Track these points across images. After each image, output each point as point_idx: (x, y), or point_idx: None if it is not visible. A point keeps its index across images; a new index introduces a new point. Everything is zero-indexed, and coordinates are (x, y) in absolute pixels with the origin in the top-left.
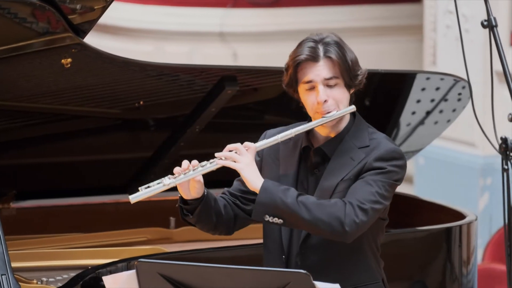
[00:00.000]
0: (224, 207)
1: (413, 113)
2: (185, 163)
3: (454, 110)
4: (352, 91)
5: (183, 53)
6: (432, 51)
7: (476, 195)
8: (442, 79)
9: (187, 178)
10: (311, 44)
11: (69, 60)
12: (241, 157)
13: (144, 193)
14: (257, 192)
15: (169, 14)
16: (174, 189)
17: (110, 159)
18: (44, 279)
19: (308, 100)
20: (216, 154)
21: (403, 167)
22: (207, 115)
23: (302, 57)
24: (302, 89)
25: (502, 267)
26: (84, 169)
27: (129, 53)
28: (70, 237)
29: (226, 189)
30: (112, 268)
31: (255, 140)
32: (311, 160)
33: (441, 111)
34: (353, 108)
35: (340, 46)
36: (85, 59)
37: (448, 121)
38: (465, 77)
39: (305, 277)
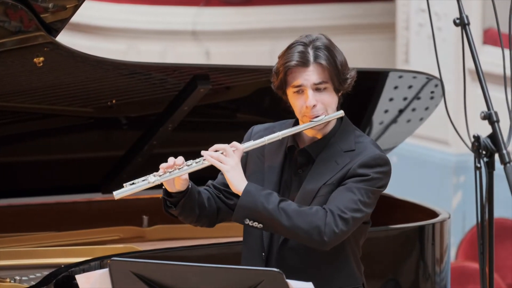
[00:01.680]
0: (208, 200)
1: (386, 111)
2: (171, 160)
3: (427, 108)
4: (340, 94)
5: (156, 52)
6: (405, 49)
7: (449, 193)
8: (414, 77)
9: (172, 176)
10: (301, 48)
11: (42, 59)
12: (227, 159)
13: (128, 189)
14: (240, 195)
15: (142, 12)
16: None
17: (82, 157)
18: (17, 277)
19: (297, 103)
20: (203, 153)
21: (388, 174)
22: (179, 114)
23: (293, 63)
24: (290, 92)
25: (475, 265)
26: (57, 168)
27: (101, 51)
28: (43, 236)
29: (210, 181)
30: (85, 266)
31: (229, 138)
32: (295, 160)
33: (414, 109)
34: (341, 113)
35: (330, 50)
36: (58, 58)
37: (421, 119)
38: (438, 75)
39: (278, 275)
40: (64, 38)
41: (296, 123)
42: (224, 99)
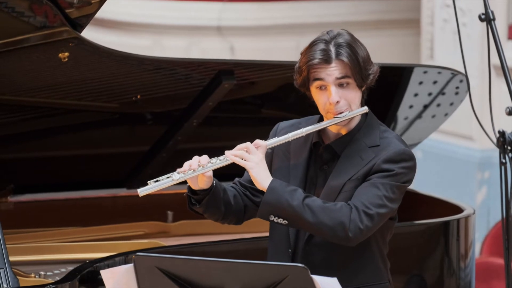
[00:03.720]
0: (234, 197)
1: (411, 106)
2: (195, 159)
3: (451, 104)
4: (363, 89)
5: (180, 47)
6: (430, 44)
7: (474, 189)
8: (439, 72)
9: (196, 174)
10: (323, 46)
11: (67, 54)
12: (251, 156)
13: (152, 187)
14: (265, 191)
15: (166, 8)
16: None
17: (107, 153)
18: (42, 273)
19: (320, 100)
20: (226, 152)
21: (413, 169)
22: (204, 109)
23: (315, 61)
24: (314, 88)
25: (500, 261)
26: (82, 163)
27: (126, 47)
28: (68, 231)
29: (237, 179)
30: (110, 262)
31: (253, 133)
32: (321, 156)
33: (438, 105)
34: (365, 109)
35: (351, 46)
36: (83, 53)
37: (446, 114)
38: (463, 71)
39: (303, 271)
40: (89, 33)
41: (321, 119)
42: (249, 94)
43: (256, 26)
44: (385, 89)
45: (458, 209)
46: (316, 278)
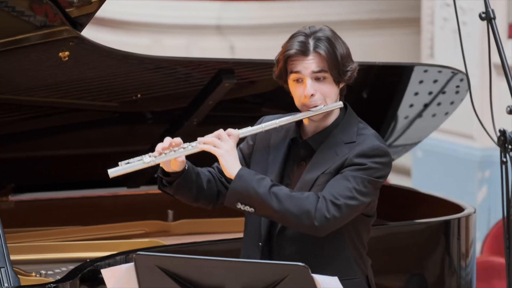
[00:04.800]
0: (208, 182)
1: (411, 105)
2: (167, 140)
3: (452, 103)
4: (341, 86)
5: (180, 46)
6: (430, 43)
7: (474, 188)
8: (440, 71)
9: (168, 158)
10: (302, 38)
11: (67, 53)
12: (222, 143)
13: (123, 168)
14: (232, 179)
15: (166, 7)
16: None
17: (108, 152)
18: (43, 272)
19: (296, 92)
20: (199, 139)
21: (387, 165)
22: (204, 108)
23: (292, 51)
24: (291, 81)
25: (501, 260)
26: (82, 162)
27: (126, 46)
28: (69, 230)
29: (215, 164)
30: (111, 261)
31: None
32: (298, 152)
33: (439, 104)
34: (340, 104)
35: (330, 41)
36: (83, 52)
37: (446, 113)
38: (463, 70)
39: (303, 270)
40: (89, 32)
41: None
42: (249, 93)
43: (256, 25)
44: (385, 88)
45: (458, 208)
46: (317, 277)
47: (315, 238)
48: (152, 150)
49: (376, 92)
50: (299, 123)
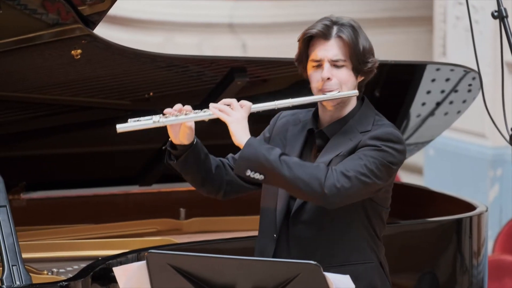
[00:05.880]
0: (217, 167)
1: (423, 104)
2: (177, 105)
3: (464, 101)
4: (360, 79)
5: (192, 44)
6: (442, 42)
7: (486, 186)
8: (452, 70)
9: (178, 121)
10: (327, 22)
11: (79, 51)
12: (233, 112)
13: (131, 125)
14: (242, 148)
15: (178, 5)
16: (184, 179)
17: (119, 150)
18: (55, 270)
19: (313, 77)
20: (210, 105)
21: (401, 152)
22: None
23: (313, 31)
24: (309, 65)
25: None
26: (94, 160)
27: (138, 44)
28: (80, 228)
29: (230, 154)
30: (123, 259)
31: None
32: (314, 142)
33: (451, 102)
34: (355, 92)
35: (354, 30)
36: (95, 50)
37: (458, 112)
38: (475, 68)
39: (315, 268)
40: (102, 30)
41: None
42: (261, 91)
43: (268, 23)
44: (397, 86)
45: (470, 207)
46: (329, 276)
47: (328, 222)
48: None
49: (389, 91)
50: (316, 115)
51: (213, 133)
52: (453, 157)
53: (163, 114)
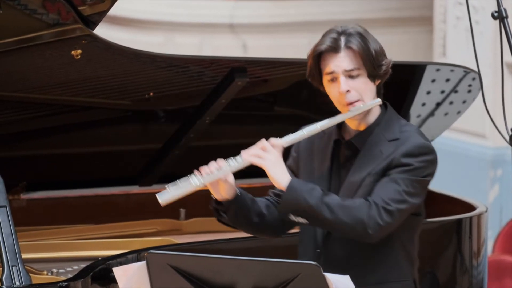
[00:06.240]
0: (267, 208)
1: (423, 104)
2: (211, 164)
3: (464, 102)
4: (377, 82)
5: (193, 45)
6: (442, 42)
7: (486, 187)
8: (452, 70)
9: (215, 178)
10: (333, 35)
11: (79, 51)
12: (267, 155)
13: (173, 194)
14: (284, 191)
15: (179, 5)
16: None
17: (120, 150)
18: (55, 270)
19: (332, 92)
20: (242, 152)
21: (433, 162)
22: (217, 107)
23: (323, 47)
24: (325, 81)
25: None
26: (94, 160)
27: (139, 44)
28: (80, 228)
29: (270, 190)
30: (122, 259)
31: (266, 131)
32: (342, 153)
33: (451, 103)
34: (378, 101)
35: (362, 36)
36: (95, 50)
37: (458, 112)
38: (475, 69)
39: (315, 268)
40: (102, 30)
41: None
42: (261, 92)
43: (268, 24)
44: (397, 86)
45: (470, 207)
46: (329, 276)
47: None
48: (167, 149)
49: (389, 91)
50: (340, 124)
51: (212, 133)
52: (453, 157)
53: (199, 172)
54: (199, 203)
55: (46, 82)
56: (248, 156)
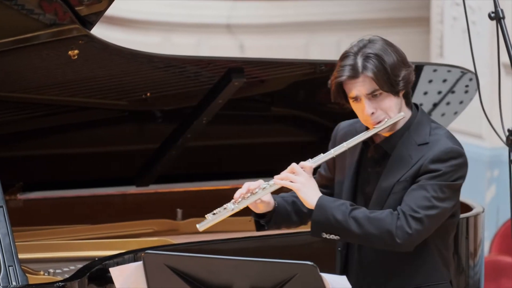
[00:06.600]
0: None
1: (420, 105)
2: (245, 186)
3: (461, 102)
4: (401, 93)
5: (190, 45)
6: (439, 43)
7: (483, 187)
8: (449, 71)
9: (249, 202)
10: (350, 61)
11: (76, 51)
12: (297, 177)
13: (211, 220)
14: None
15: (176, 5)
16: (181, 179)
17: (117, 150)
18: (51, 270)
19: (357, 110)
20: (275, 177)
21: (462, 165)
22: (214, 107)
23: (342, 78)
24: (350, 101)
25: (509, 259)
26: (91, 161)
27: (136, 44)
28: (77, 229)
29: None
30: (119, 259)
31: (263, 131)
32: (372, 156)
33: (448, 103)
34: (402, 115)
35: (378, 57)
36: (92, 50)
37: (455, 113)
38: (472, 69)
39: (312, 268)
40: (99, 31)
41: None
42: (258, 92)
43: (266, 24)
44: None
45: (467, 208)
46: (325, 276)
47: None
48: (164, 150)
49: None
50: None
51: (209, 133)
52: None
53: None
54: (196, 204)
55: (43, 82)
56: (279, 180)
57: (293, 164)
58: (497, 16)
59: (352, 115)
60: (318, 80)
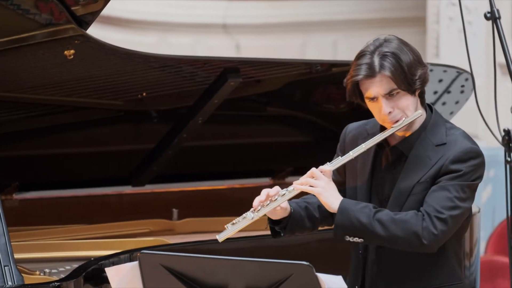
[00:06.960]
0: (319, 208)
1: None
2: (263, 193)
3: (457, 102)
4: (417, 92)
5: (186, 45)
6: (435, 43)
7: (479, 187)
8: (445, 71)
9: (269, 209)
10: (367, 59)
11: (72, 51)
12: (317, 182)
13: (230, 230)
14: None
15: (172, 5)
16: (177, 179)
17: (113, 150)
18: (47, 270)
19: (374, 110)
20: (294, 183)
21: (481, 165)
22: (210, 107)
23: (359, 77)
24: (367, 100)
25: (505, 259)
26: (87, 161)
27: (132, 44)
28: (73, 229)
29: None
30: (115, 259)
31: (259, 131)
32: (387, 158)
33: (444, 103)
34: (419, 113)
35: (395, 55)
36: (88, 50)
37: (451, 113)
38: (468, 69)
39: (307, 269)
40: (95, 31)
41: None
42: (254, 92)
43: (261, 24)
44: None
45: None
46: (321, 276)
47: None
48: (160, 150)
49: None
50: (384, 127)
51: (205, 133)
52: None
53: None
54: (192, 204)
55: (39, 82)
56: (299, 185)
57: (313, 169)
58: (493, 16)
59: (347, 115)
60: (314, 80)
